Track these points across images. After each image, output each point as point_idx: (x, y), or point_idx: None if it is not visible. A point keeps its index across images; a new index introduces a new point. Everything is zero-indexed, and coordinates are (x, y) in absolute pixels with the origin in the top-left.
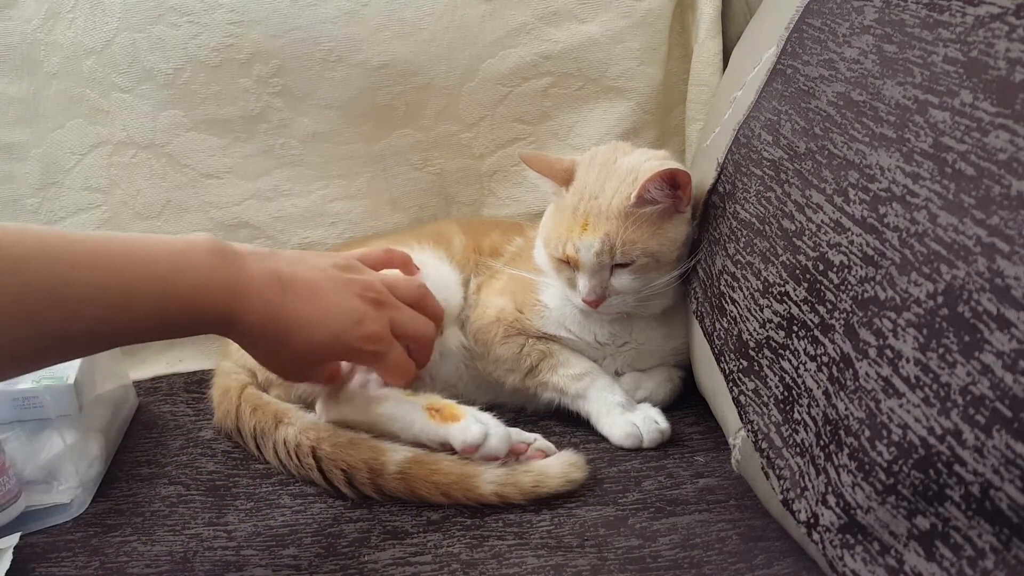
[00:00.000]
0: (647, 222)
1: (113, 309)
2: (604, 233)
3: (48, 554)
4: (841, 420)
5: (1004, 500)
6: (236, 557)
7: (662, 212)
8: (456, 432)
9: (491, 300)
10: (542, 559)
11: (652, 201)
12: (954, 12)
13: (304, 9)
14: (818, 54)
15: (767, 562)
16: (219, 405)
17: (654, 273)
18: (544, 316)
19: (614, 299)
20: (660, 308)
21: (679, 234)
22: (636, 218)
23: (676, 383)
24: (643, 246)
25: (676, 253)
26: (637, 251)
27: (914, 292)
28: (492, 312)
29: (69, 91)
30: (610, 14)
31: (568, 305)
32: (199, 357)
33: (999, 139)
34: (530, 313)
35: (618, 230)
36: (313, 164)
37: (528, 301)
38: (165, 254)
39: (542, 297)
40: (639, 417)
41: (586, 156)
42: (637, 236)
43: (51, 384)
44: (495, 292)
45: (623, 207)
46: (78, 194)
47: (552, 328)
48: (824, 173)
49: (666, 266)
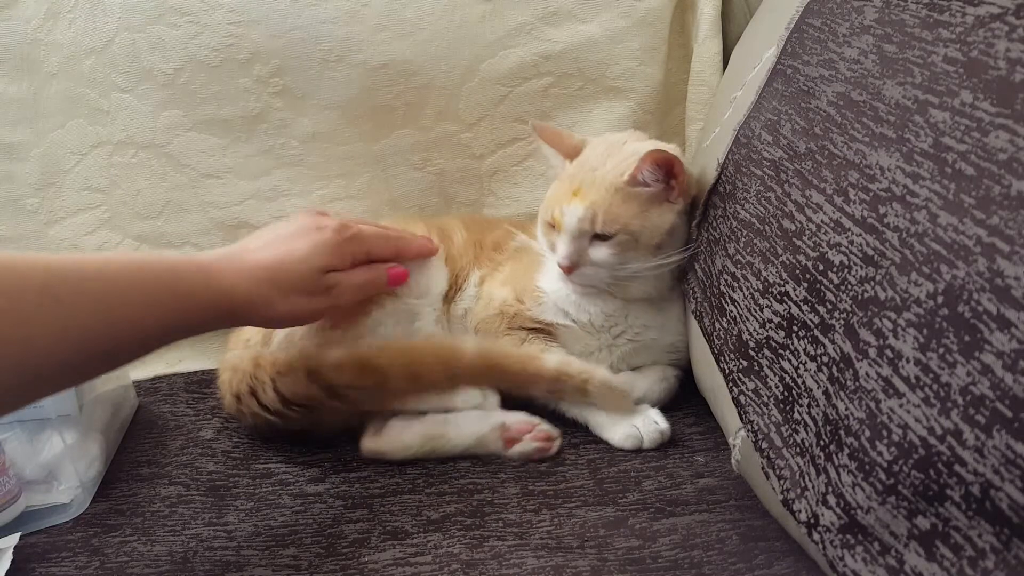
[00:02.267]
0: (635, 201)
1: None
2: (591, 202)
3: (48, 554)
4: (841, 420)
5: (1004, 500)
6: (236, 557)
7: (652, 196)
8: None
9: (494, 292)
10: (542, 559)
11: (644, 183)
12: (954, 12)
13: (304, 9)
14: (818, 54)
15: (767, 562)
16: (229, 383)
17: (632, 253)
18: (542, 303)
19: (588, 269)
20: (641, 294)
21: (664, 222)
22: (625, 195)
23: (671, 383)
24: (625, 223)
25: (657, 240)
26: (618, 226)
27: (914, 292)
28: (495, 304)
29: (69, 91)
30: (610, 14)
31: (564, 288)
32: (199, 357)
33: (999, 139)
34: (529, 301)
35: (605, 202)
36: (313, 164)
37: (527, 288)
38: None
39: (540, 284)
40: (638, 418)
41: (599, 138)
42: (621, 212)
43: None
44: (497, 284)
45: (616, 182)
46: (78, 194)
47: (550, 314)
48: (824, 173)
49: (645, 250)
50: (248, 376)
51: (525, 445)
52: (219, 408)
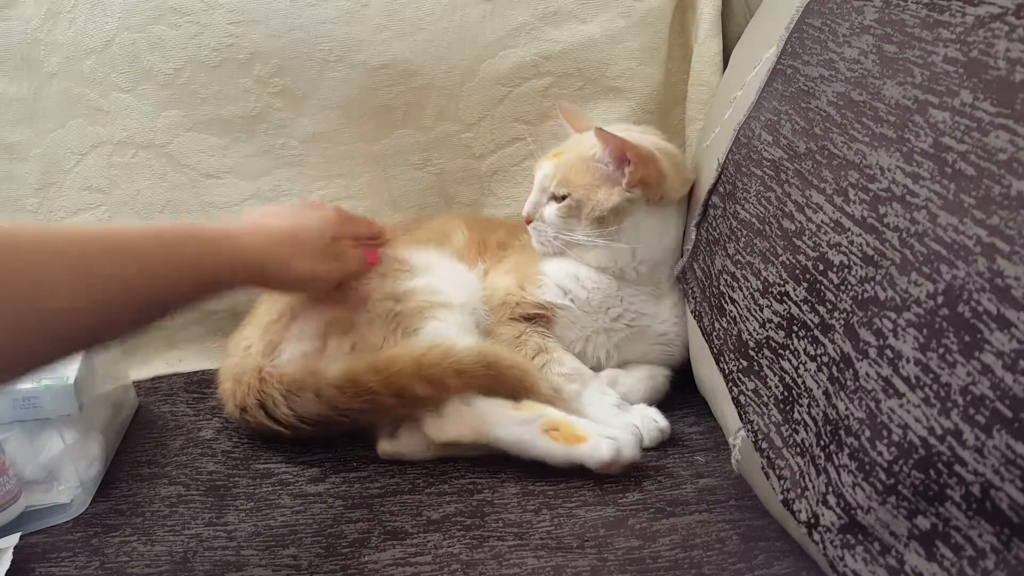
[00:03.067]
0: (591, 174)
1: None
2: (558, 163)
3: (48, 554)
4: (841, 420)
5: (1004, 500)
6: (236, 557)
7: (608, 176)
8: (588, 453)
9: (498, 281)
10: (542, 559)
11: (603, 161)
12: (954, 12)
13: (304, 9)
14: (818, 54)
15: (767, 562)
16: (233, 393)
17: (574, 220)
18: (543, 285)
19: (540, 225)
20: (595, 261)
21: (608, 200)
22: (586, 167)
23: (658, 382)
24: (573, 190)
25: (597, 214)
26: (566, 190)
27: (914, 292)
28: (500, 294)
29: (69, 91)
30: (610, 14)
31: (563, 268)
32: (199, 357)
33: (999, 139)
34: (531, 287)
35: (567, 166)
36: (313, 164)
37: (529, 274)
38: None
39: (541, 267)
40: (637, 417)
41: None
42: (575, 179)
43: (51, 384)
44: (501, 273)
45: (584, 153)
46: (78, 194)
47: (550, 294)
48: (824, 173)
49: (585, 220)
50: (256, 391)
51: None
52: (219, 408)
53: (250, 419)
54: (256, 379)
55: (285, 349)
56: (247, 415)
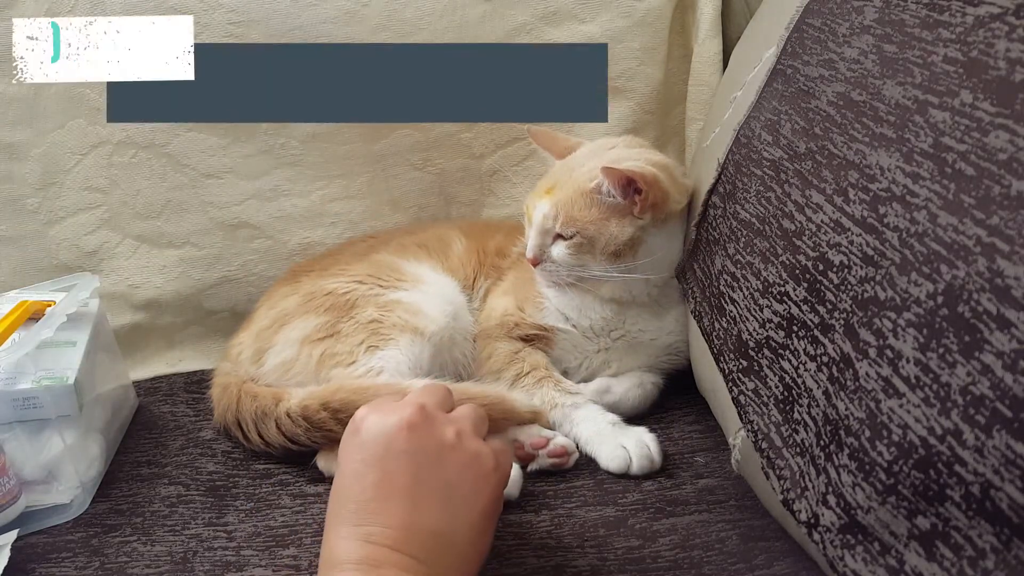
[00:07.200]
0: (596, 208)
1: None
2: (557, 201)
3: (48, 554)
4: (841, 420)
5: (1004, 500)
6: (236, 557)
7: (615, 207)
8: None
9: (497, 302)
10: (542, 559)
11: (609, 194)
12: (954, 12)
13: (304, 9)
14: (818, 54)
15: (767, 562)
16: (219, 401)
17: (588, 257)
18: (544, 307)
19: (549, 266)
20: (612, 295)
21: (622, 233)
22: (589, 201)
23: (648, 390)
24: (582, 227)
25: (613, 249)
26: (574, 229)
27: (914, 292)
28: (497, 314)
29: (69, 91)
30: (610, 14)
31: (566, 293)
32: (199, 357)
33: (999, 139)
34: (531, 308)
35: (568, 203)
36: (313, 164)
37: (529, 295)
38: None
39: (542, 289)
40: (631, 440)
41: (594, 142)
42: (581, 216)
43: (51, 384)
44: (500, 293)
45: (583, 187)
46: (78, 194)
47: (552, 318)
48: (824, 173)
49: (601, 256)
50: (234, 411)
51: (541, 461)
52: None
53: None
54: (236, 396)
55: (269, 358)
56: (242, 431)
